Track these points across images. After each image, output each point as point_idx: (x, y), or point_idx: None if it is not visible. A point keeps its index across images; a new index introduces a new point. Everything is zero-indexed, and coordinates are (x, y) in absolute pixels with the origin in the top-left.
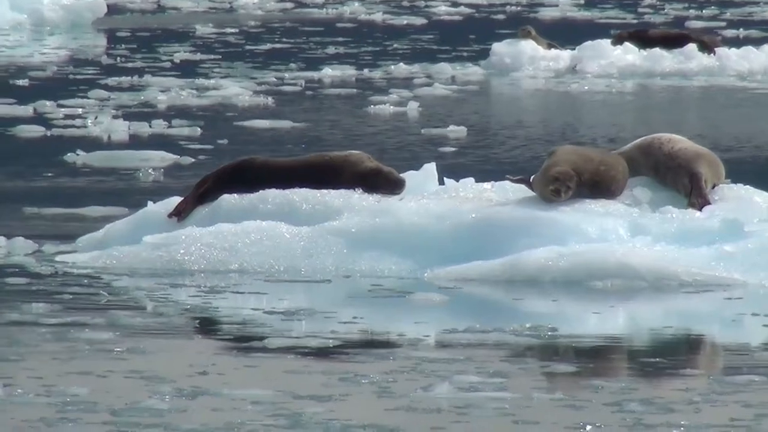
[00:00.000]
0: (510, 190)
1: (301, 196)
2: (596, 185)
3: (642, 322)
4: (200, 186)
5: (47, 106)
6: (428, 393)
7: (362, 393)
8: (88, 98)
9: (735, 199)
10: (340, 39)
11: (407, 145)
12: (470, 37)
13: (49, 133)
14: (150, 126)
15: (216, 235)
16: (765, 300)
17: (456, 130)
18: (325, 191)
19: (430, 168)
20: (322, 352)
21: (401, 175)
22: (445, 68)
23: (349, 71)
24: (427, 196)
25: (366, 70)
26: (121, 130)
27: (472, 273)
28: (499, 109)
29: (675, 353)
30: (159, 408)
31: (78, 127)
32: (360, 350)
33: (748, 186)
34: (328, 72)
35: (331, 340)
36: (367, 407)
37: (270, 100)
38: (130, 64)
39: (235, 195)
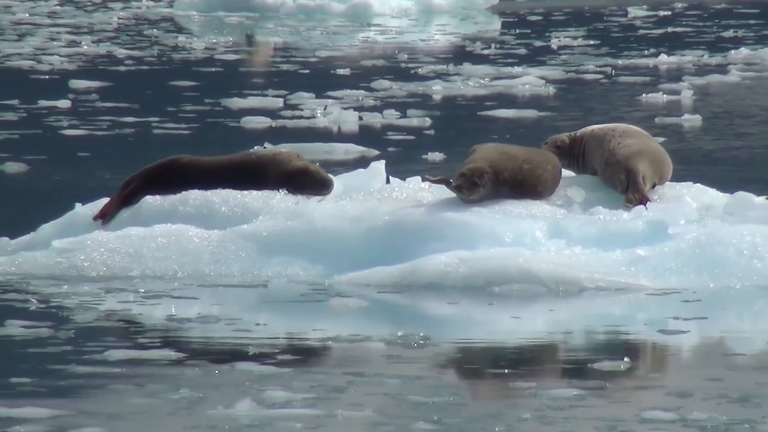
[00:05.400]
0: (447, 191)
1: (221, 197)
2: (520, 184)
3: (519, 331)
4: (126, 187)
5: (303, 97)
6: (228, 410)
7: (159, 410)
8: (369, 90)
9: (671, 199)
10: (751, 22)
11: None
12: None
13: (273, 124)
14: (383, 116)
15: (123, 239)
16: (664, 307)
17: (690, 119)
18: (246, 192)
19: (378, 166)
20: (152, 365)
21: (330, 175)
22: None
23: (687, 57)
24: (351, 197)
25: (705, 56)
26: (351, 120)
27: (372, 279)
28: None
29: (529, 363)
30: None
31: (307, 118)
32: (196, 362)
33: (698, 184)
34: (664, 59)
35: (174, 353)
36: (153, 425)
37: (551, 89)
38: (487, 52)
39: (158, 197)
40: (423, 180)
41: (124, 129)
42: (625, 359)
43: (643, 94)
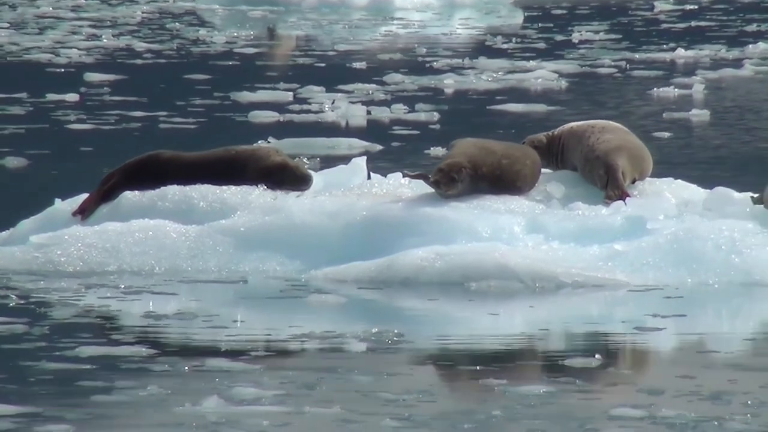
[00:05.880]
0: (427, 186)
1: (199, 192)
2: (498, 179)
3: (495, 328)
4: (106, 182)
5: (314, 91)
6: (195, 407)
7: (127, 407)
8: (381, 84)
9: (651, 194)
10: None
11: None
12: None
13: (281, 118)
14: (390, 111)
15: (100, 234)
16: (641, 303)
17: (698, 114)
18: (225, 187)
19: (360, 162)
20: (123, 361)
21: (309, 170)
22: None
23: (704, 51)
24: (330, 192)
25: (723, 50)
26: (358, 115)
27: (349, 274)
28: None
29: (502, 360)
30: None
31: (315, 113)
32: (167, 359)
33: (679, 180)
34: (681, 53)
35: (146, 349)
36: (120, 422)
37: (563, 83)
38: (506, 45)
39: (137, 192)
40: (403, 176)
41: (131, 123)
42: (596, 356)
43: (655, 89)
